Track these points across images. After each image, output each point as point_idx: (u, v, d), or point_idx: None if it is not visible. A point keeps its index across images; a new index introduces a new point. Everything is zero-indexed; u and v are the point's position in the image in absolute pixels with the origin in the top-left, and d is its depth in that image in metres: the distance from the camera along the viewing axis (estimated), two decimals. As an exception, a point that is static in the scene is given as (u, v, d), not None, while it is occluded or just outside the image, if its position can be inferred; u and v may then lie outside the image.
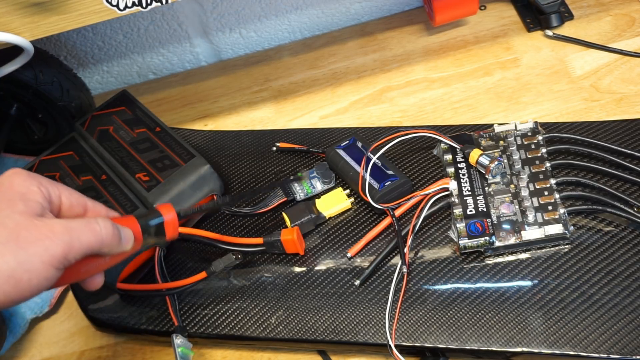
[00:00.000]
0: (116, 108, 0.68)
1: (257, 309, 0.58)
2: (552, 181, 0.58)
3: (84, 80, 0.73)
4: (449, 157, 0.61)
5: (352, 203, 0.62)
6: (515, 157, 0.60)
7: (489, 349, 0.52)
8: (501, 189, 0.59)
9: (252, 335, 0.57)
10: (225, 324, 0.58)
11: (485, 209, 0.57)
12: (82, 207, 0.45)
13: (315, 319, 0.56)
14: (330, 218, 0.62)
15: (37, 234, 0.40)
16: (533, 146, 0.61)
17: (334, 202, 0.62)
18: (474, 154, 0.59)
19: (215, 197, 0.63)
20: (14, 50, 0.58)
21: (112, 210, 0.47)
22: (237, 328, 0.57)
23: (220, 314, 0.58)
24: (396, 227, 0.58)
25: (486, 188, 0.59)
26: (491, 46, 0.76)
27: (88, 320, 0.62)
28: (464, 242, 0.56)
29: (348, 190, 0.62)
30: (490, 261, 0.56)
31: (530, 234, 0.55)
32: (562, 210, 0.56)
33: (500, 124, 0.63)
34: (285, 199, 0.63)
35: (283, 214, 0.61)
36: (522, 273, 0.55)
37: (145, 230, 0.46)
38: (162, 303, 0.60)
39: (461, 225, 0.56)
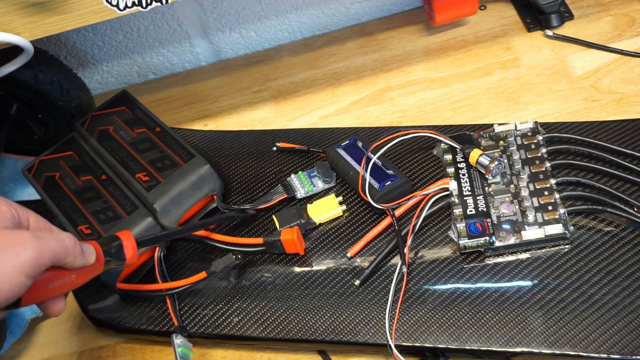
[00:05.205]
0: (116, 108, 0.68)
1: (257, 309, 0.58)
2: (552, 181, 0.58)
3: (84, 80, 0.73)
4: (449, 157, 0.61)
5: (343, 211, 0.62)
6: (515, 157, 0.60)
7: (489, 349, 0.52)
8: (501, 189, 0.59)
9: (252, 335, 0.57)
10: (225, 324, 0.58)
11: (485, 209, 0.57)
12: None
13: (315, 319, 0.56)
14: (320, 224, 0.62)
15: (7, 240, 0.40)
16: (533, 146, 0.61)
17: (325, 209, 0.62)
18: (474, 154, 0.59)
19: (215, 197, 0.63)
20: (14, 50, 0.58)
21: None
22: (237, 328, 0.57)
23: (220, 314, 0.58)
24: (396, 227, 0.58)
25: (486, 188, 0.59)
26: (491, 46, 0.76)
27: (88, 320, 0.62)
28: (464, 242, 0.56)
29: (341, 198, 0.62)
30: (490, 261, 0.56)
31: (530, 234, 0.55)
32: (562, 210, 0.56)
33: (500, 124, 0.63)
34: (286, 195, 0.63)
35: (273, 217, 0.61)
36: (522, 273, 0.55)
37: (106, 251, 0.48)
38: (162, 303, 0.60)
39: (461, 225, 0.56)
